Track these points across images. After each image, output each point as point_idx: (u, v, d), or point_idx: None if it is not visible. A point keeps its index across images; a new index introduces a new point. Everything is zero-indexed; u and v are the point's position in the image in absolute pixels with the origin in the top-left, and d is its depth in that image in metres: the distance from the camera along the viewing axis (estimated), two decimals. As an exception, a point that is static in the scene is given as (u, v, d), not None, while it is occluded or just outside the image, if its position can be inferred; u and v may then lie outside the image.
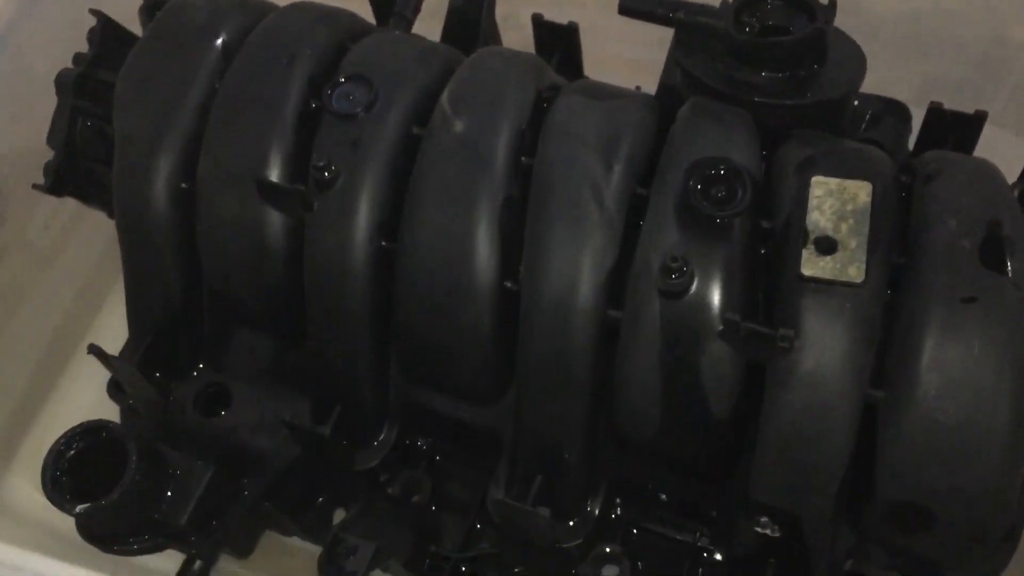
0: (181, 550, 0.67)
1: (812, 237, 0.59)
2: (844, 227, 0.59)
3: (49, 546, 0.70)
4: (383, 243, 0.66)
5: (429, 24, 0.80)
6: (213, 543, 0.67)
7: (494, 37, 0.82)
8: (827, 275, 0.58)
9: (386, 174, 0.66)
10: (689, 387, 0.61)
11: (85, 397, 0.87)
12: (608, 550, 0.71)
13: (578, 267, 0.62)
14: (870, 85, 0.76)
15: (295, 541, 0.79)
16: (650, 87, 0.73)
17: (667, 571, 0.72)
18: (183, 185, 0.70)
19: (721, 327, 0.59)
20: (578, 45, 0.81)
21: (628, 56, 0.94)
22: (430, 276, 0.65)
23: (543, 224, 0.63)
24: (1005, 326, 0.56)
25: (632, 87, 0.73)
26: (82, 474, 0.63)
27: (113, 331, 0.81)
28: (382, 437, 0.73)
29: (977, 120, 0.71)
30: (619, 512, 0.72)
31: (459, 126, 0.66)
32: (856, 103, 0.75)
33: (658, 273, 0.59)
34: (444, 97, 0.67)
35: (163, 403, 0.75)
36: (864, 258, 0.58)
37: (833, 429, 0.57)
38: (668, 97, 0.70)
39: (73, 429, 0.62)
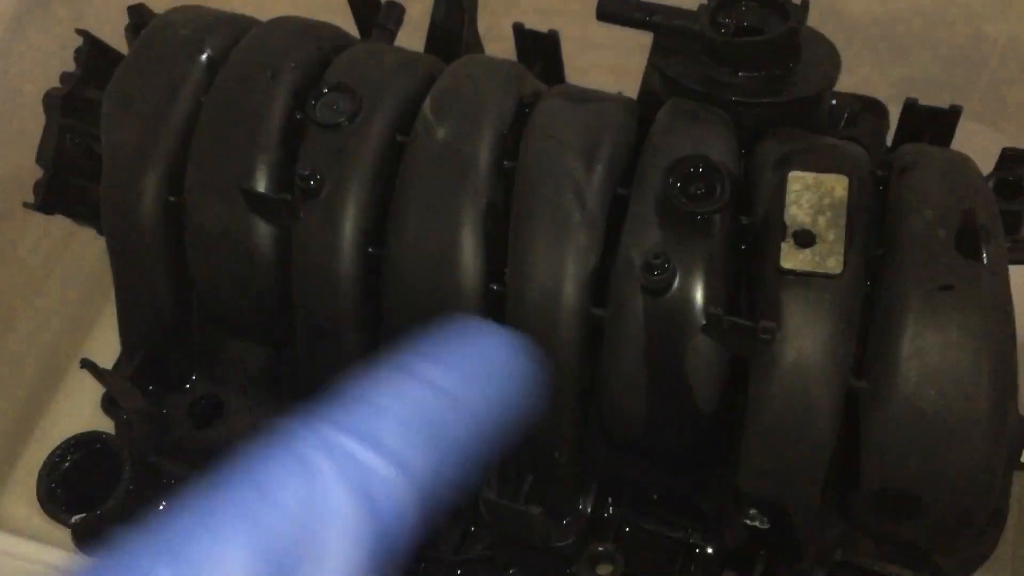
0: (177, 559, 0.68)
1: (791, 231, 0.60)
2: (822, 220, 0.60)
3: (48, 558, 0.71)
4: (370, 249, 0.67)
5: (412, 37, 0.81)
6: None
7: (476, 48, 0.83)
8: (806, 267, 0.59)
9: (371, 181, 0.67)
10: (674, 382, 0.61)
11: (80, 413, 0.88)
12: (601, 549, 0.71)
13: (562, 267, 0.63)
14: (849, 86, 0.78)
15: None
16: (632, 93, 0.74)
17: (660, 568, 0.72)
18: (171, 198, 0.71)
19: (704, 322, 0.60)
20: (559, 53, 0.82)
21: (610, 63, 0.95)
22: (417, 280, 0.66)
23: (526, 226, 0.64)
24: (982, 312, 0.57)
25: (614, 92, 0.74)
26: (77, 485, 0.63)
27: (107, 346, 0.81)
28: (374, 443, 0.73)
29: (952, 114, 0.72)
30: (611, 511, 0.73)
31: (441, 133, 0.67)
32: (834, 102, 0.77)
33: (640, 270, 0.60)
34: (426, 105, 0.68)
35: (157, 416, 0.76)
36: (842, 250, 0.59)
37: (816, 419, 0.58)
38: (649, 101, 0.71)
39: (67, 441, 0.63)
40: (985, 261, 0.58)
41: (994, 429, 0.57)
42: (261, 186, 0.68)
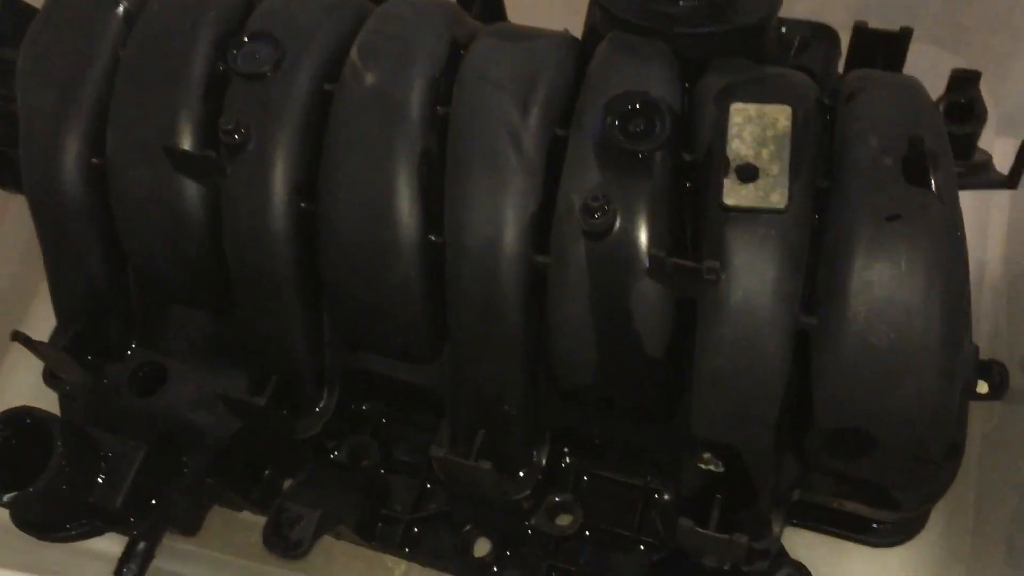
0: (121, 532, 0.66)
1: (733, 166, 0.57)
2: (765, 153, 0.58)
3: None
4: (302, 204, 0.64)
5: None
6: (154, 523, 0.66)
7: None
8: (750, 203, 0.56)
9: (299, 133, 0.64)
10: (621, 328, 0.60)
11: (23, 387, 0.85)
12: (559, 500, 0.70)
13: (500, 214, 0.60)
14: (801, 12, 0.75)
15: (248, 515, 0.77)
16: (578, 31, 0.71)
17: (620, 516, 0.71)
18: (93, 160, 0.68)
19: (648, 264, 0.57)
20: (498, -11, 0.79)
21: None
22: (353, 236, 0.63)
23: (462, 173, 0.62)
24: (931, 241, 0.55)
25: (560, 30, 0.71)
26: (10, 463, 0.61)
27: (49, 316, 0.79)
28: (323, 404, 0.72)
29: (903, 37, 0.69)
30: (567, 461, 0.72)
31: (370, 79, 0.64)
32: (784, 30, 0.74)
33: (580, 214, 0.58)
34: (354, 50, 0.65)
35: (98, 386, 0.74)
36: (787, 183, 0.57)
37: (766, 359, 0.56)
38: (592, 37, 0.68)
39: (-6, 418, 0.60)
40: (933, 188, 0.56)
41: (947, 361, 0.55)
42: (186, 143, 0.65)
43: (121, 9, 0.69)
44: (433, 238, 0.63)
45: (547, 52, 0.65)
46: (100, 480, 0.63)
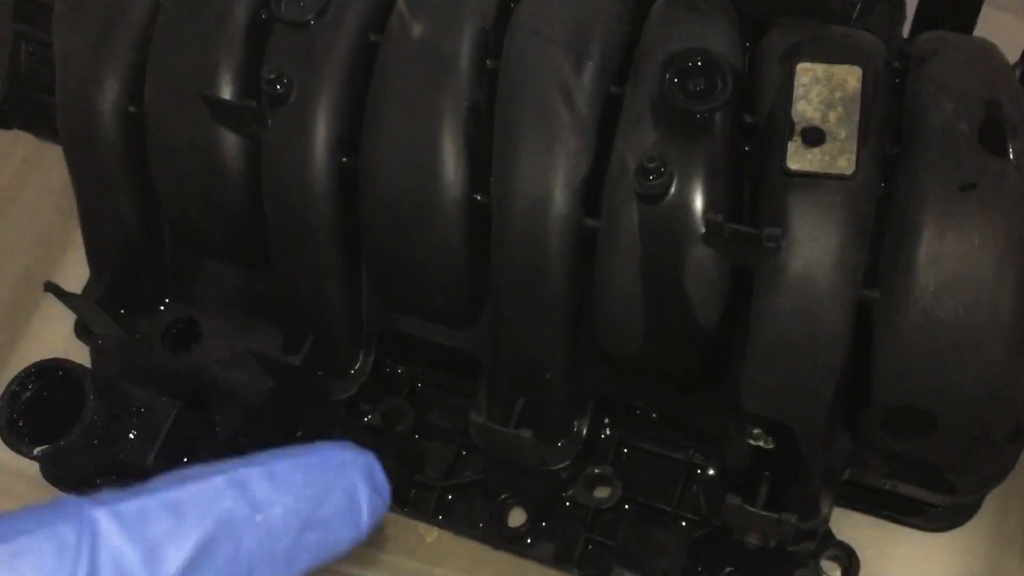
0: (152, 490, 0.65)
1: (798, 128, 0.55)
2: (833, 116, 0.55)
3: (16, 490, 0.68)
4: (344, 159, 0.62)
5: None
6: (185, 481, 0.64)
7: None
8: (815, 168, 0.54)
9: (343, 85, 0.62)
10: (673, 295, 0.57)
11: (55, 339, 0.84)
12: (598, 471, 0.68)
13: (550, 174, 0.58)
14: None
15: (279, 477, 0.76)
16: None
17: (660, 491, 0.69)
18: (131, 108, 0.66)
19: (704, 230, 0.55)
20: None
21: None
22: (395, 192, 0.61)
23: (511, 130, 0.59)
24: (1007, 213, 0.52)
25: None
26: (41, 416, 0.60)
27: (82, 269, 0.77)
28: (358, 365, 0.70)
29: (974, 1, 0.66)
30: (608, 432, 0.70)
31: (418, 30, 0.61)
32: (847, -9, 0.71)
33: (635, 176, 0.55)
34: (401, 0, 0.63)
35: (130, 340, 0.72)
36: (855, 148, 0.54)
37: (825, 332, 0.54)
38: (647, -8, 0.65)
39: (27, 369, 0.59)
40: (1012, 157, 0.53)
41: (1017, 339, 0.53)
42: (226, 93, 0.63)
43: (162, -47, 0.67)
44: (479, 197, 0.61)
45: (602, 6, 0.62)
46: (132, 436, 0.62)
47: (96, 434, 0.59)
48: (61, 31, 0.68)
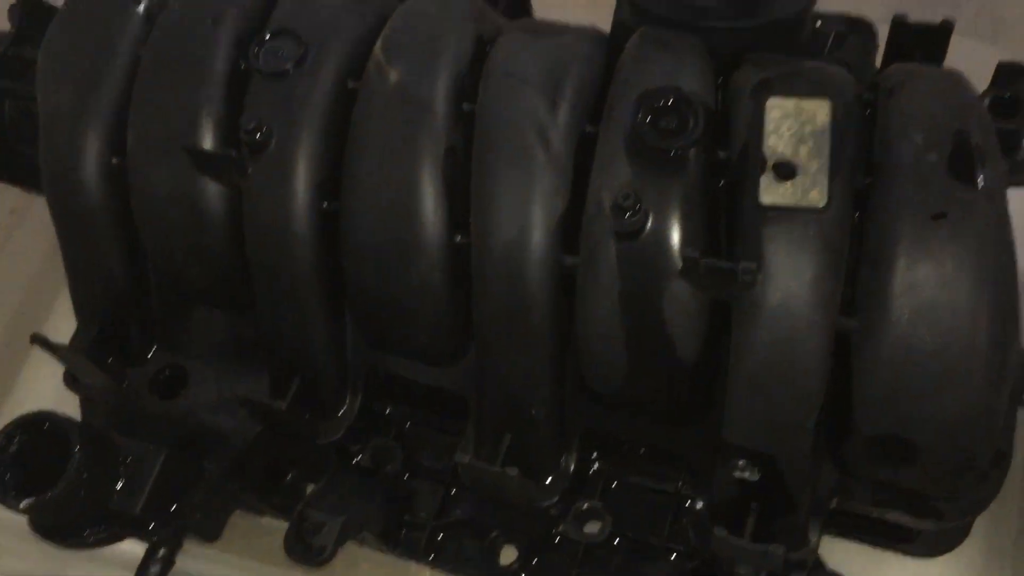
0: (141, 539, 0.65)
1: (770, 163, 0.55)
2: (804, 150, 0.56)
3: (4, 543, 0.68)
4: (325, 204, 0.63)
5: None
6: (174, 529, 0.65)
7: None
8: (788, 202, 0.54)
9: (322, 131, 0.63)
10: (653, 330, 0.58)
11: (46, 390, 0.84)
12: (587, 506, 0.68)
13: (528, 213, 0.59)
14: (838, 6, 0.73)
15: (270, 520, 0.76)
16: (608, 26, 0.69)
17: (650, 523, 0.69)
18: (114, 160, 0.67)
19: (681, 265, 0.56)
20: (524, -16, 0.77)
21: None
22: (376, 235, 0.62)
23: (488, 171, 0.60)
24: (978, 240, 0.53)
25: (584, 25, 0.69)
26: (29, 468, 0.60)
27: (71, 320, 0.78)
28: (346, 407, 0.70)
29: (944, 31, 0.67)
30: (596, 466, 0.70)
31: (395, 76, 0.62)
32: (819, 23, 0.72)
33: (611, 213, 0.56)
34: (378, 46, 0.64)
35: (118, 389, 0.72)
36: (826, 181, 0.55)
37: (805, 363, 0.54)
38: (620, 32, 0.66)
39: (13, 422, 0.60)
40: (981, 186, 0.53)
41: (995, 366, 0.53)
42: (207, 143, 0.64)
43: (142, 7, 0.68)
44: (458, 238, 0.61)
45: (575, 47, 0.63)
46: (119, 485, 0.62)
47: (83, 485, 0.59)
48: (44, 85, 0.68)
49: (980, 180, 0.53)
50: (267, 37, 0.64)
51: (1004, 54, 0.65)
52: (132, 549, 0.68)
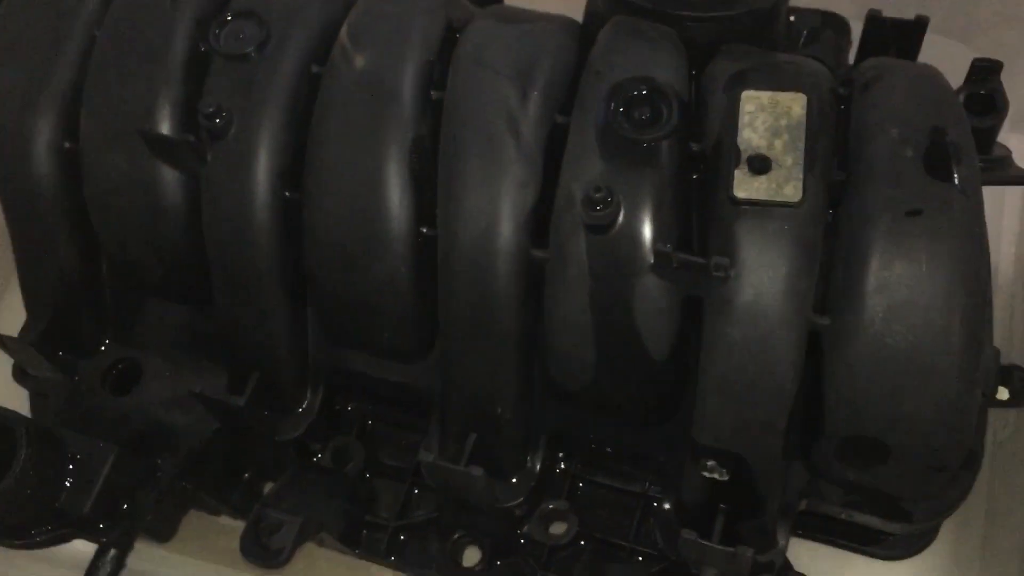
0: (90, 539, 0.62)
1: (745, 156, 0.54)
2: (778, 144, 0.55)
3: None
4: (287, 193, 0.61)
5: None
6: (125, 530, 0.62)
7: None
8: (762, 196, 0.53)
9: (284, 117, 0.61)
10: (623, 327, 0.56)
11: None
12: (553, 507, 0.67)
13: (497, 205, 0.57)
14: (810, 2, 0.72)
15: (228, 520, 0.74)
16: (579, 16, 0.67)
17: (617, 525, 0.68)
18: (66, 145, 0.64)
19: (652, 260, 0.54)
20: (494, -27, 0.75)
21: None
22: (339, 226, 0.60)
23: (456, 161, 0.58)
24: (954, 238, 0.52)
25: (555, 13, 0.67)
26: (-29, 465, 0.57)
27: (20, 311, 0.75)
28: (306, 404, 0.68)
29: (918, 26, 0.66)
30: (562, 466, 0.68)
31: (361, 61, 0.60)
32: (792, 19, 0.71)
33: (582, 206, 0.55)
34: (343, 31, 0.62)
35: (69, 383, 0.70)
36: (801, 176, 0.54)
37: (777, 362, 0.53)
38: (593, 21, 0.65)
39: (-44, 417, 0.57)
40: (957, 182, 0.53)
41: (967, 366, 0.52)
42: (164, 127, 0.62)
43: (97, -14, 0.65)
44: (425, 230, 0.60)
45: (547, 35, 0.62)
46: (68, 484, 0.59)
47: (30, 484, 0.57)
48: (-7, 66, 0.66)
49: (956, 177, 0.53)
50: (228, 18, 0.62)
51: (976, 53, 0.64)
52: (82, 549, 0.66)
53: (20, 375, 0.73)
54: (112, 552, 0.62)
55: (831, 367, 0.54)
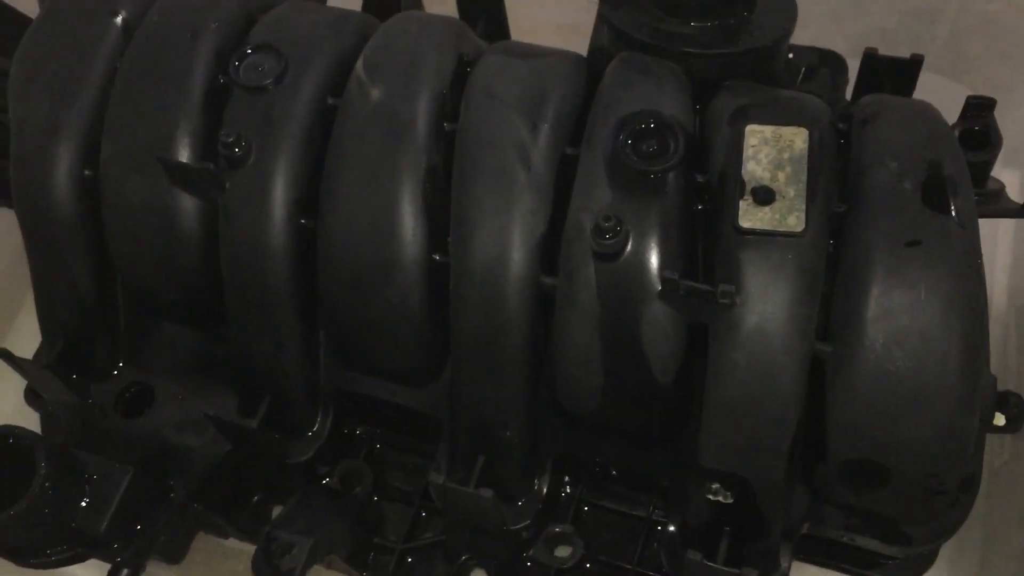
0: (104, 559, 0.63)
1: (749, 188, 0.56)
2: (781, 176, 0.56)
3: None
4: (302, 221, 0.62)
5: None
6: (138, 550, 0.63)
7: (416, 7, 0.78)
8: (766, 226, 0.55)
9: (301, 148, 0.62)
10: (630, 352, 0.58)
11: (5, 407, 0.82)
12: (559, 530, 0.68)
13: (508, 234, 0.59)
14: (805, 40, 0.74)
15: (234, 543, 0.75)
16: (582, 53, 0.69)
17: (621, 548, 0.69)
18: (86, 172, 0.66)
19: (660, 287, 0.56)
20: (502, 9, 0.78)
21: (558, 21, 0.91)
22: (353, 253, 0.61)
23: (468, 191, 0.60)
24: (951, 268, 0.54)
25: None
26: (-10, 485, 0.58)
27: (34, 334, 0.76)
28: (316, 427, 0.69)
29: (913, 64, 0.69)
30: (568, 490, 0.70)
31: (376, 93, 0.62)
32: (791, 56, 0.73)
33: (591, 234, 0.56)
34: (359, 64, 0.64)
35: (82, 406, 0.71)
36: (804, 206, 0.55)
37: (780, 387, 0.55)
38: (599, 57, 0.67)
39: (-25, 437, 0.58)
40: (954, 214, 0.54)
41: (966, 391, 0.54)
42: (183, 156, 0.63)
43: (120, 19, 0.67)
44: (437, 257, 0.61)
45: (556, 69, 0.64)
46: (84, 504, 0.60)
47: (47, 503, 0.58)
48: (16, 95, 0.67)
49: (953, 209, 0.54)
50: (247, 52, 0.64)
51: (968, 90, 0.67)
52: (93, 573, 0.67)
53: (32, 398, 0.74)
54: (125, 572, 0.63)
55: (833, 392, 0.55)
